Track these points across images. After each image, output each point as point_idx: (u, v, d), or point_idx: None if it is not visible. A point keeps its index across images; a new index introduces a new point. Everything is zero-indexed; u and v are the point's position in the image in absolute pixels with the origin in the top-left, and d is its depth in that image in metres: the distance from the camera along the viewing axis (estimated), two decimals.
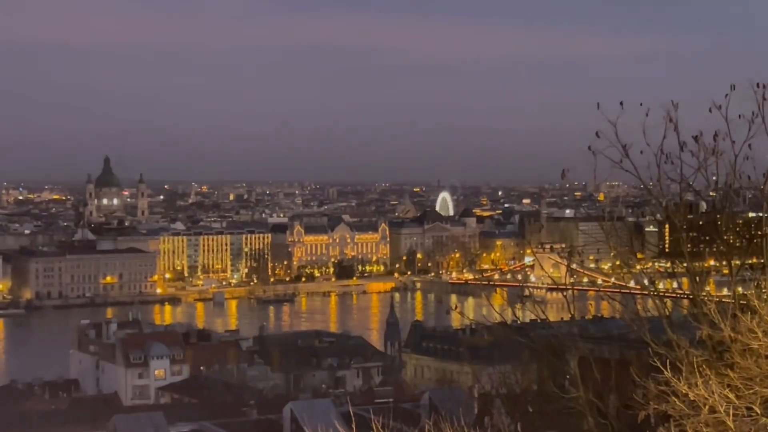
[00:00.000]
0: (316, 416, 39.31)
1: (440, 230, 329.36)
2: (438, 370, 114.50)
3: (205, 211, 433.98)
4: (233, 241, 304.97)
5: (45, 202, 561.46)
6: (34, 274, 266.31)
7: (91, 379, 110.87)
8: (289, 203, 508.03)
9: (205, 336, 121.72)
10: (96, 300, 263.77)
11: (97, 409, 70.68)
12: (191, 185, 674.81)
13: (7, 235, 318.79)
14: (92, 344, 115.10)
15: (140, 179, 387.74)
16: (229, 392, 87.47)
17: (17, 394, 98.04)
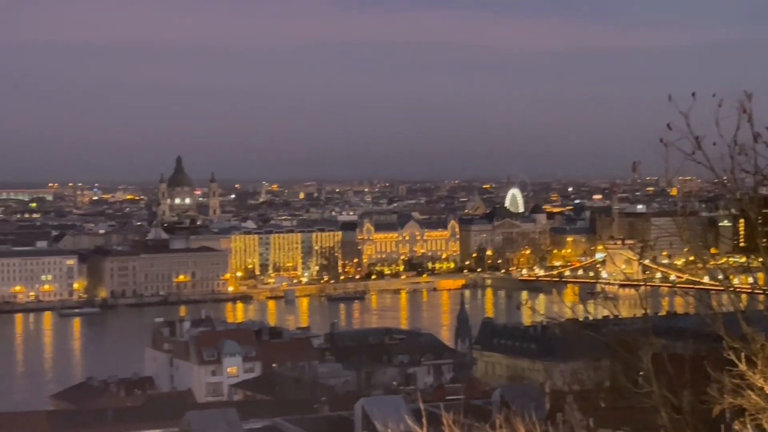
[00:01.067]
0: (387, 413, 39.36)
1: (510, 227, 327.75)
2: (509, 366, 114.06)
3: (275, 210, 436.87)
4: (304, 239, 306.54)
5: (119, 202, 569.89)
6: (109, 273, 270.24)
7: (165, 376, 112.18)
8: (359, 201, 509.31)
9: (277, 333, 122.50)
10: (169, 298, 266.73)
11: (172, 406, 71.46)
12: (262, 184, 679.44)
13: (83, 235, 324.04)
14: (166, 342, 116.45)
15: (212, 178, 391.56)
16: (301, 389, 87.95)
17: (93, 392, 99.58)
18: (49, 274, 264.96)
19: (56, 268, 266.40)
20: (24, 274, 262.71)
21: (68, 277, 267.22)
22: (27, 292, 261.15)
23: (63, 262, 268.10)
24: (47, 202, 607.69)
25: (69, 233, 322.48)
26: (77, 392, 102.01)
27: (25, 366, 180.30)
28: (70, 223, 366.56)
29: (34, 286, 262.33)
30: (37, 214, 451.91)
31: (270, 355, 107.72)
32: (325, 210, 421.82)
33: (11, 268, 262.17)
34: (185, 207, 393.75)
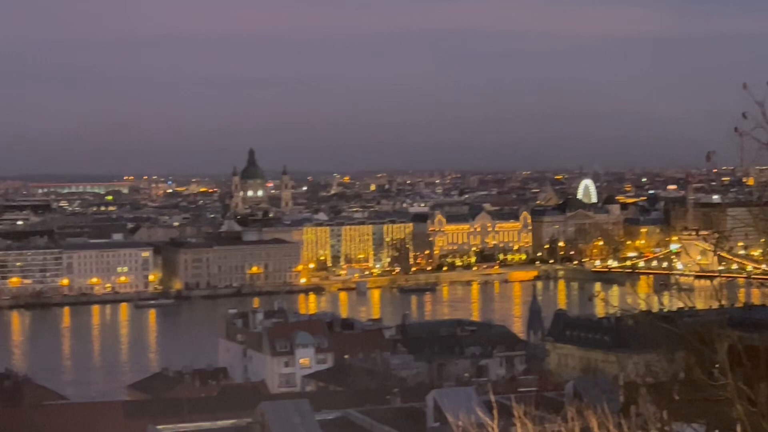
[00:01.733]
0: (458, 404, 39.31)
1: (583, 218, 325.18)
2: (582, 358, 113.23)
3: (347, 202, 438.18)
4: (375, 230, 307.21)
5: (193, 195, 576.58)
6: (183, 265, 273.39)
7: (239, 367, 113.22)
8: (430, 192, 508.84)
9: (349, 325, 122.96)
10: (242, 290, 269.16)
11: (245, 396, 72.16)
12: (333, 176, 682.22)
13: (158, 228, 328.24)
14: (240, 333, 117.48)
15: (284, 171, 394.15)
16: (373, 380, 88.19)
17: (168, 382, 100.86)
18: (124, 266, 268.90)
19: (132, 260, 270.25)
20: (100, 266, 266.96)
21: (143, 269, 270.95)
22: (103, 284, 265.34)
23: (138, 255, 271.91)
24: (123, 195, 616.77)
25: (144, 226, 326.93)
26: (153, 382, 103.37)
27: (102, 357, 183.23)
28: (145, 216, 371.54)
29: (110, 278, 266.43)
30: (113, 207, 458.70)
31: (342, 347, 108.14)
32: (396, 202, 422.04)
33: (88, 260, 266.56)
34: (258, 199, 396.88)
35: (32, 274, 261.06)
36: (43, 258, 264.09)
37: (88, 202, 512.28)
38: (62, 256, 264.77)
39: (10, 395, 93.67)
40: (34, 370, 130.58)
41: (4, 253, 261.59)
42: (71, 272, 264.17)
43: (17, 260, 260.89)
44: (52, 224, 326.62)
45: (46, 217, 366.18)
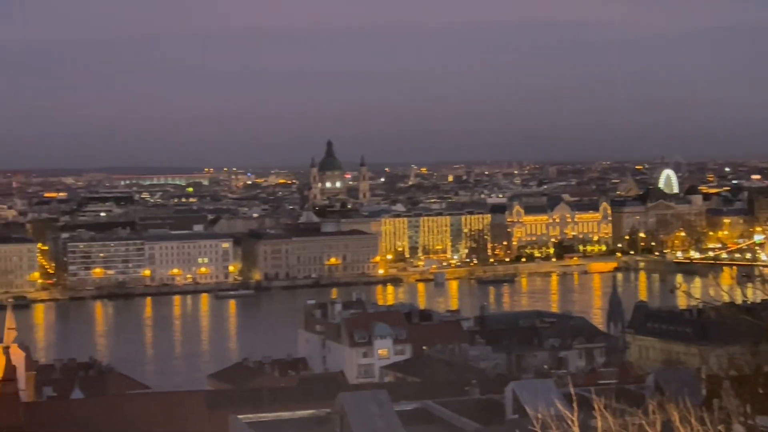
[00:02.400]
0: (538, 396, 39.04)
1: (664, 208, 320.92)
2: (663, 351, 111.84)
3: (424, 193, 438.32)
4: (453, 222, 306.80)
5: (272, 186, 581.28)
6: (263, 256, 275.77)
7: (317, 357, 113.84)
8: (508, 183, 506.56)
9: (427, 316, 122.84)
10: (321, 281, 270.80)
11: (324, 387, 72.44)
12: (411, 167, 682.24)
13: (237, 219, 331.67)
14: (318, 324, 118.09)
15: (361, 162, 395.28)
16: (451, 371, 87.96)
17: (249, 372, 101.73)
18: (205, 257, 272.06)
19: (212, 251, 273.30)
20: (181, 257, 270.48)
21: (224, 260, 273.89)
22: (184, 275, 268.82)
23: (218, 246, 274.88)
24: (203, 186, 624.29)
25: (224, 217, 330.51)
26: (233, 372, 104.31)
27: (183, 346, 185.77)
28: (225, 207, 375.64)
29: (191, 269, 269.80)
30: (194, 199, 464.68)
31: (420, 338, 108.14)
32: (474, 193, 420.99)
33: (169, 251, 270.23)
34: (336, 191, 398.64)
35: (115, 265, 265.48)
36: (125, 249, 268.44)
37: (169, 194, 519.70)
38: (144, 247, 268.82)
39: (94, 384, 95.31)
40: (117, 359, 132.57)
41: (87, 245, 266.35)
42: (153, 263, 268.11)
43: (100, 251, 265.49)
44: (135, 216, 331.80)
45: (129, 208, 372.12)
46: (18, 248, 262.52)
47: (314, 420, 43.90)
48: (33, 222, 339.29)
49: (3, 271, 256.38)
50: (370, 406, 41.82)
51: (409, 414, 44.21)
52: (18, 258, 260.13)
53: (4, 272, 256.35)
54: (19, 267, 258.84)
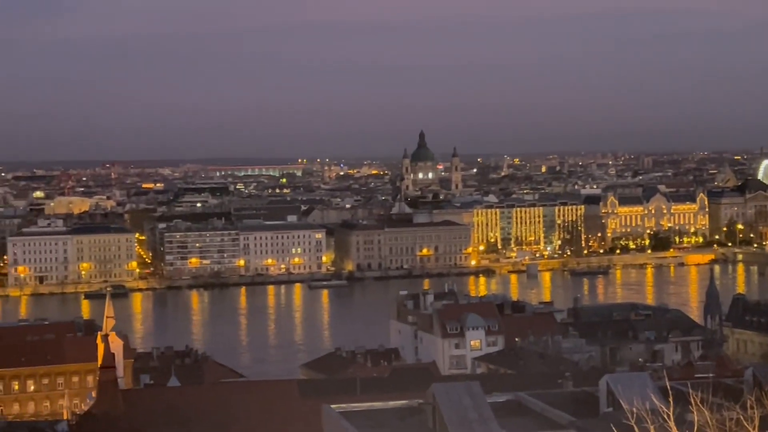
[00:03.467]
0: (633, 390, 38.54)
1: (763, 199, 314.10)
2: (762, 344, 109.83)
3: (517, 184, 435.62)
4: (546, 213, 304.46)
5: (364, 177, 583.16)
6: (355, 247, 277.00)
7: (410, 348, 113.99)
8: (602, 174, 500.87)
9: (519, 308, 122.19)
10: (413, 271, 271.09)
11: (416, 377, 72.64)
12: (503, 158, 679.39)
13: (330, 210, 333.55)
14: (410, 314, 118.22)
15: (454, 153, 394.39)
16: (544, 364, 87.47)
17: (341, 361, 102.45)
18: (298, 247, 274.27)
19: (305, 242, 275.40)
20: (275, 248, 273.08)
21: (317, 251, 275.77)
22: (278, 265, 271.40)
23: (312, 236, 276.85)
24: (296, 177, 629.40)
25: (317, 208, 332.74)
26: (326, 362, 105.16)
27: (277, 336, 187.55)
28: (318, 198, 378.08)
29: (284, 259, 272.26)
30: (287, 190, 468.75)
31: (513, 329, 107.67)
32: (568, 183, 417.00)
33: (264, 241, 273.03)
34: (428, 181, 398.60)
35: (210, 254, 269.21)
36: (220, 239, 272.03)
37: (263, 185, 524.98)
38: (239, 238, 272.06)
39: (190, 372, 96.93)
40: (213, 348, 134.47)
41: (183, 235, 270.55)
42: (247, 253, 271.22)
43: (196, 241, 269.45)
44: (229, 206, 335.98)
45: (224, 199, 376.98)
46: (116, 238, 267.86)
47: (406, 410, 43.95)
48: (131, 212, 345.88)
49: (102, 261, 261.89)
50: (463, 398, 41.71)
51: (501, 406, 44.01)
52: (116, 247, 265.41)
53: (103, 261, 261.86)
54: (118, 256, 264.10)
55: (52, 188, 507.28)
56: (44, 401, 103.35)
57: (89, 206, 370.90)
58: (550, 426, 41.88)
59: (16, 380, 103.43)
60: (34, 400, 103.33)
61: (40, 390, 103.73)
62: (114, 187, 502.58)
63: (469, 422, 40.64)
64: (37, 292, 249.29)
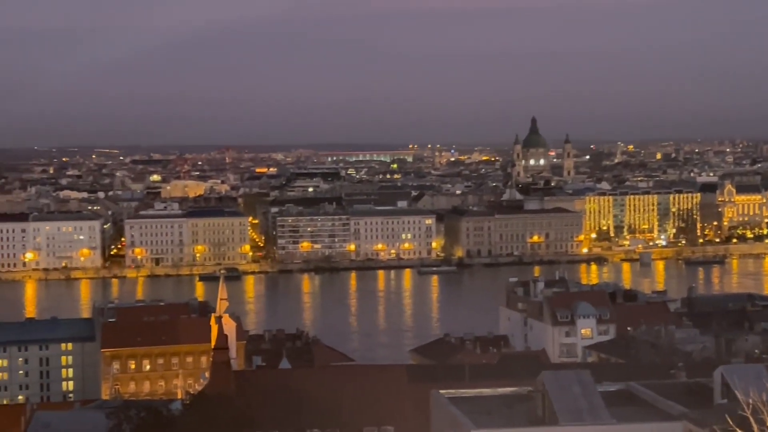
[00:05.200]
0: (748, 382, 37.68)
1: None
2: None
3: (631, 171, 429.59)
4: (660, 200, 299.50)
5: (475, 163, 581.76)
6: (465, 233, 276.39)
7: (519, 335, 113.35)
8: (720, 161, 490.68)
9: (632, 296, 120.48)
10: (523, 258, 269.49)
11: (526, 365, 72.03)
12: (617, 144, 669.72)
13: (440, 195, 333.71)
14: (520, 302, 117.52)
15: (566, 139, 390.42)
16: (657, 354, 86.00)
17: (450, 347, 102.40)
18: (408, 232, 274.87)
19: (415, 228, 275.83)
20: (385, 233, 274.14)
21: (427, 236, 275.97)
22: (388, 250, 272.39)
23: (422, 222, 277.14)
24: (407, 163, 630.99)
25: (427, 193, 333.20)
26: (435, 348, 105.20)
27: (386, 321, 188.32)
28: (429, 184, 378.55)
29: (395, 244, 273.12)
30: (398, 175, 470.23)
31: (624, 318, 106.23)
32: (683, 171, 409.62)
33: (374, 226, 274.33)
34: (539, 168, 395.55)
35: (321, 239, 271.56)
36: (332, 224, 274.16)
37: (374, 170, 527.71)
38: (350, 222, 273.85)
39: (300, 355, 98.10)
40: (323, 331, 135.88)
41: (295, 219, 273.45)
42: (358, 238, 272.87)
43: (308, 226, 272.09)
44: (341, 191, 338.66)
45: (335, 184, 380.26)
46: (230, 221, 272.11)
47: (515, 397, 43.77)
48: (244, 196, 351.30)
49: (216, 244, 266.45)
50: (573, 386, 41.36)
51: (612, 395, 43.51)
52: (230, 231, 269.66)
53: (217, 244, 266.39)
54: (231, 240, 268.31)
55: (168, 172, 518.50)
56: (159, 380, 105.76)
57: (204, 190, 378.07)
58: (662, 416, 41.25)
59: (132, 359, 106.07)
60: (149, 380, 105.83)
61: (155, 369, 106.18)
62: (228, 172, 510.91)
63: (579, 411, 40.28)
64: (153, 274, 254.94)
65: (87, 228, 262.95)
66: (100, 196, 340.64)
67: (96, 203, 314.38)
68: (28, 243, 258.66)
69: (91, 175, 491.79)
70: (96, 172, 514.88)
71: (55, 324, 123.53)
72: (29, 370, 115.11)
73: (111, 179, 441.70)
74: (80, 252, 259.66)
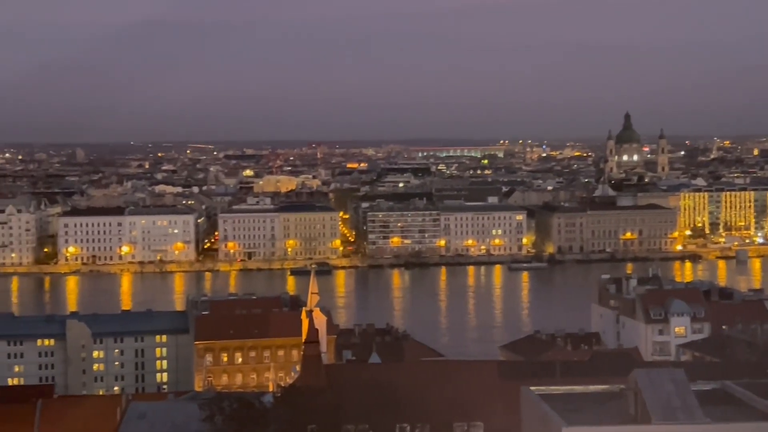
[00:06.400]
0: None
1: None
2: None
3: (727, 167, 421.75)
4: (757, 197, 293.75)
5: (567, 159, 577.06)
6: (556, 229, 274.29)
7: (611, 333, 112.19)
8: None
9: (727, 294, 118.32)
10: (616, 255, 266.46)
11: (618, 362, 71.23)
12: (713, 140, 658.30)
13: (531, 191, 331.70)
14: (612, 299, 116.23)
15: (660, 135, 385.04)
16: (753, 352, 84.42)
17: (541, 344, 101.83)
18: (499, 228, 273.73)
19: (506, 224, 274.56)
20: (476, 229, 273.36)
21: (517, 232, 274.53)
22: (478, 246, 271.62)
23: (512, 218, 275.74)
24: (498, 158, 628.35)
25: (518, 189, 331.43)
26: (525, 344, 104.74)
27: (476, 317, 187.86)
28: (519, 179, 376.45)
29: (485, 240, 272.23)
30: (489, 171, 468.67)
31: (720, 317, 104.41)
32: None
33: (464, 222, 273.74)
34: (633, 164, 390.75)
35: (411, 234, 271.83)
36: (422, 219, 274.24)
37: (464, 166, 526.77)
38: (440, 218, 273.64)
39: (390, 350, 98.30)
40: (413, 326, 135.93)
41: (386, 214, 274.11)
42: (448, 233, 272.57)
43: (398, 221, 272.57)
44: (431, 187, 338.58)
45: (425, 179, 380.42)
46: (321, 216, 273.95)
47: (607, 395, 43.34)
48: (335, 191, 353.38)
49: (307, 238, 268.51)
50: (666, 385, 40.79)
51: (706, 394, 42.83)
52: (321, 226, 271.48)
53: (308, 239, 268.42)
54: (322, 234, 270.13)
55: (260, 167, 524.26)
56: (251, 373, 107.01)
57: (296, 185, 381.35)
58: (758, 416, 40.49)
59: (225, 352, 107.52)
60: (241, 372, 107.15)
61: (247, 362, 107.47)
62: (319, 167, 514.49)
63: (673, 409, 39.70)
64: (246, 268, 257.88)
65: (181, 222, 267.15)
66: (194, 190, 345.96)
67: (190, 198, 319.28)
68: (124, 236, 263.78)
69: (185, 169, 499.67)
70: (190, 167, 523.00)
71: (150, 316, 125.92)
72: (125, 362, 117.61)
73: (205, 174, 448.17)
74: (174, 246, 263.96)
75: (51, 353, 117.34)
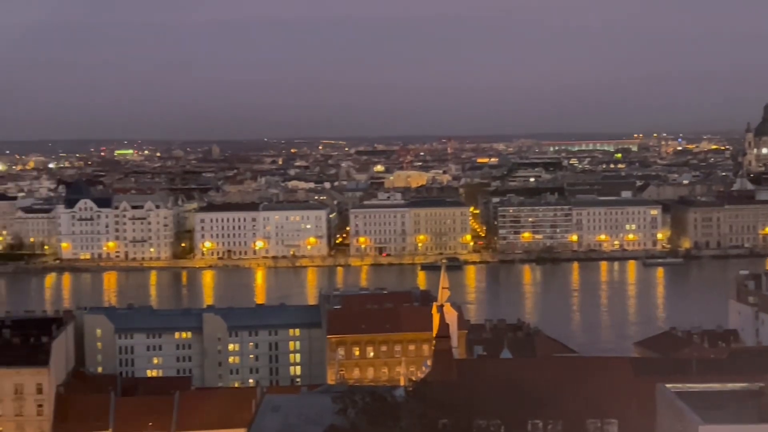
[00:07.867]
0: None
1: None
2: None
3: None
4: None
5: (703, 153, 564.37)
6: (693, 224, 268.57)
7: (750, 330, 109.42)
8: None
9: None
10: (754, 250, 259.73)
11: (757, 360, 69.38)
12: None
13: (666, 185, 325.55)
14: (751, 295, 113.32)
15: None
16: None
17: (676, 341, 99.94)
18: (632, 223, 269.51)
19: (640, 218, 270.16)
20: (609, 224, 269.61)
21: (651, 227, 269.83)
22: (611, 241, 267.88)
23: (647, 212, 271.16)
24: (632, 152, 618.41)
25: (653, 183, 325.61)
26: (661, 341, 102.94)
27: (609, 313, 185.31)
28: (654, 174, 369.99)
29: (618, 235, 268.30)
30: (622, 165, 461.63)
31: None
32: None
33: (597, 217, 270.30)
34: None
35: (543, 229, 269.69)
36: (553, 214, 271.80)
37: (597, 160, 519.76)
38: (571, 213, 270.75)
39: (522, 345, 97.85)
40: (544, 322, 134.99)
41: (517, 209, 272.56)
42: (580, 229, 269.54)
43: (529, 216, 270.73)
44: (562, 181, 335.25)
45: (557, 174, 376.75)
46: (452, 211, 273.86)
47: (746, 393, 42.35)
48: (465, 186, 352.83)
49: (437, 233, 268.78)
50: None
51: None
52: (452, 221, 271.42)
53: (439, 234, 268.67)
54: (453, 229, 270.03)
55: (391, 162, 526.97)
56: (382, 367, 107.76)
57: (426, 180, 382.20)
58: None
59: (356, 346, 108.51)
60: (373, 366, 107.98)
61: (378, 356, 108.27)
62: (450, 162, 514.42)
63: None
64: (377, 263, 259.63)
65: (314, 217, 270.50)
66: (326, 186, 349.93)
67: (322, 193, 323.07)
68: (258, 231, 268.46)
69: (317, 165, 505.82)
70: (322, 163, 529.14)
71: (283, 310, 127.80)
72: (259, 355, 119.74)
73: (336, 170, 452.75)
74: (307, 240, 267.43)
75: (188, 346, 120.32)
